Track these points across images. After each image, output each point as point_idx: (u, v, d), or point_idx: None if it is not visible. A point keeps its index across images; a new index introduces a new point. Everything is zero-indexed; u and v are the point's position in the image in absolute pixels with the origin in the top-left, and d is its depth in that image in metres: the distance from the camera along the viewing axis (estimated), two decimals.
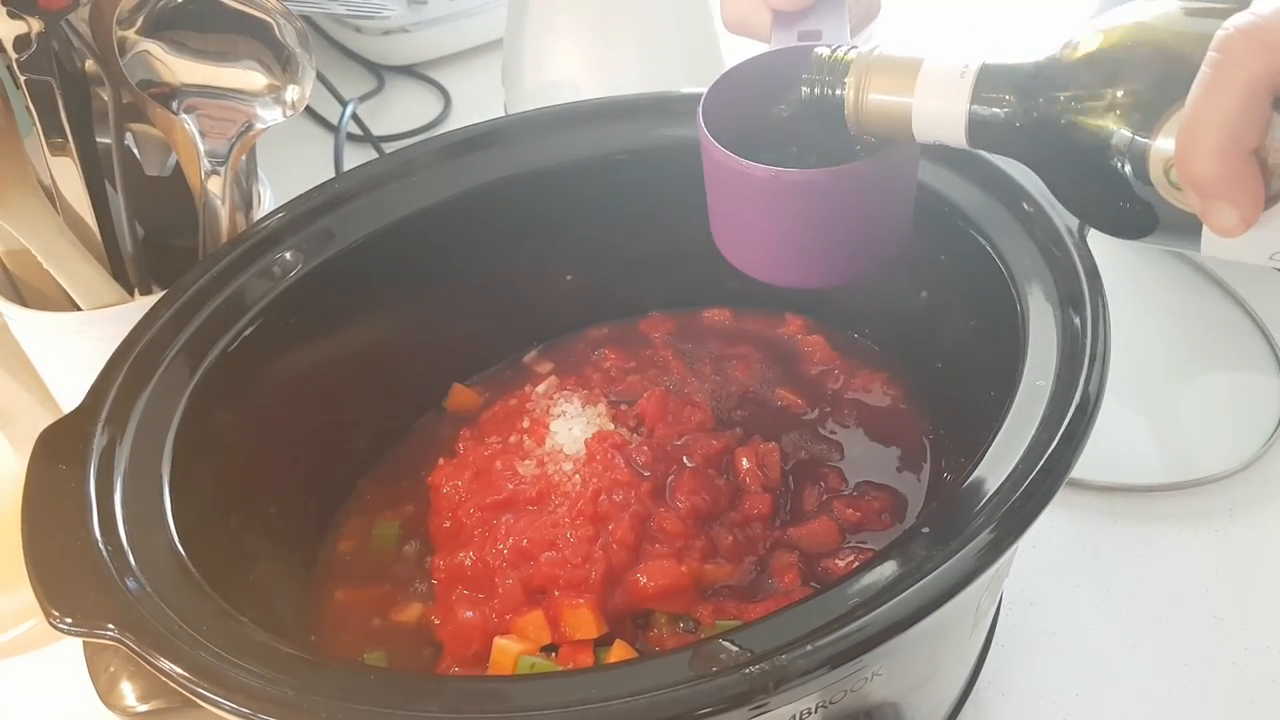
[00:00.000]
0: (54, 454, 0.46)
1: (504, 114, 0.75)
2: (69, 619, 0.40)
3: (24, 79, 0.60)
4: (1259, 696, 0.55)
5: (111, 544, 0.43)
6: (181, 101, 0.62)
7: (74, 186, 0.63)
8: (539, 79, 0.81)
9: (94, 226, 0.64)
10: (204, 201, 0.63)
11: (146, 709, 0.43)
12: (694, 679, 0.35)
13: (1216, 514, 0.63)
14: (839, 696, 0.40)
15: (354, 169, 0.60)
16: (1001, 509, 0.39)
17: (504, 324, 0.67)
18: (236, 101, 0.63)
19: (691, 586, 0.51)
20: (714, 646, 0.36)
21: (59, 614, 0.40)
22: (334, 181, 0.59)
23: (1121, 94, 0.37)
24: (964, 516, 0.39)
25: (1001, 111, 0.41)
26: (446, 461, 0.59)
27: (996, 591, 0.51)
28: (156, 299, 0.53)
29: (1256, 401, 0.69)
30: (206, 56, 0.62)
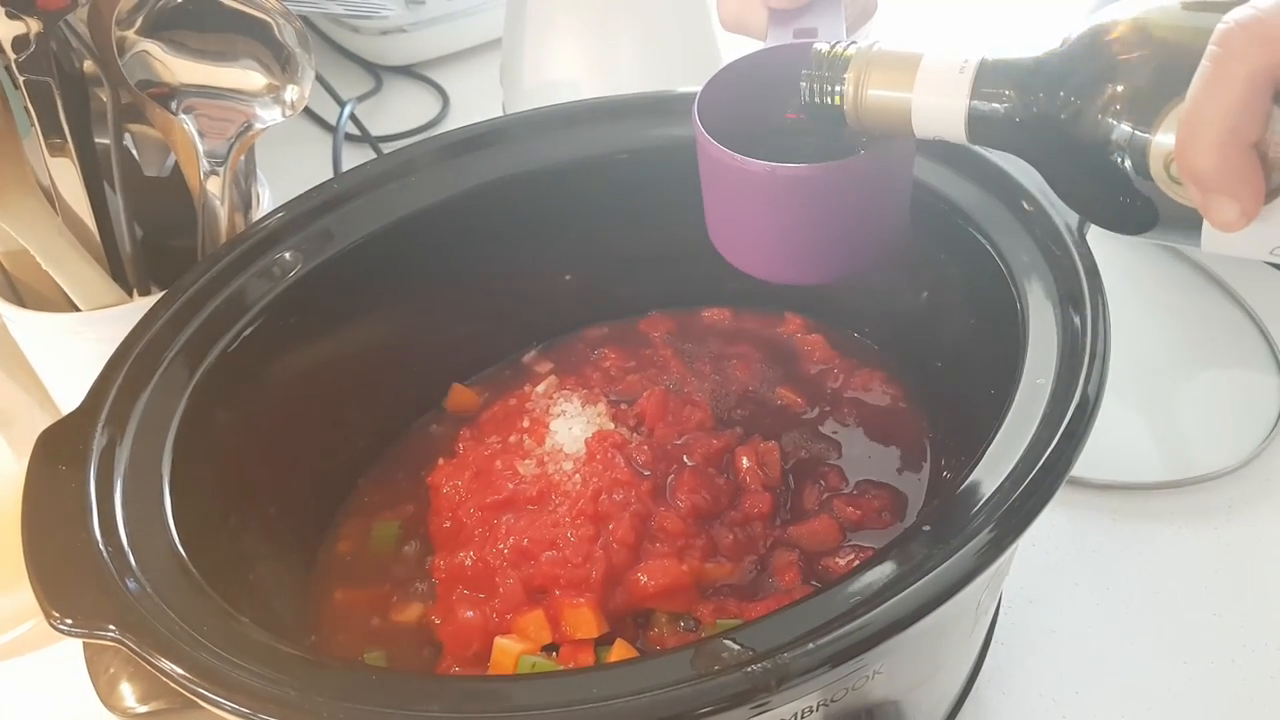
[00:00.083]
0: (54, 455, 0.46)
1: (502, 114, 0.75)
2: (69, 620, 0.40)
3: (23, 79, 0.60)
4: (1258, 693, 0.55)
5: (112, 545, 0.43)
6: (180, 102, 0.62)
7: (73, 187, 0.63)
8: (537, 79, 0.81)
9: (93, 227, 0.64)
10: (203, 202, 0.63)
11: (147, 710, 0.43)
12: (695, 678, 0.35)
13: (1215, 512, 0.63)
14: (840, 695, 0.40)
15: (353, 169, 0.60)
16: (1002, 508, 0.39)
17: (503, 324, 0.67)
18: (235, 102, 0.63)
19: (692, 585, 0.51)
20: (715, 645, 0.36)
21: (59, 615, 0.40)
22: (333, 182, 0.59)
23: (1121, 88, 0.37)
24: (964, 515, 0.39)
25: (1001, 107, 0.41)
26: (446, 461, 0.59)
27: (997, 590, 0.51)
28: (156, 299, 0.53)
29: (1255, 400, 0.69)
30: (205, 56, 0.62)
